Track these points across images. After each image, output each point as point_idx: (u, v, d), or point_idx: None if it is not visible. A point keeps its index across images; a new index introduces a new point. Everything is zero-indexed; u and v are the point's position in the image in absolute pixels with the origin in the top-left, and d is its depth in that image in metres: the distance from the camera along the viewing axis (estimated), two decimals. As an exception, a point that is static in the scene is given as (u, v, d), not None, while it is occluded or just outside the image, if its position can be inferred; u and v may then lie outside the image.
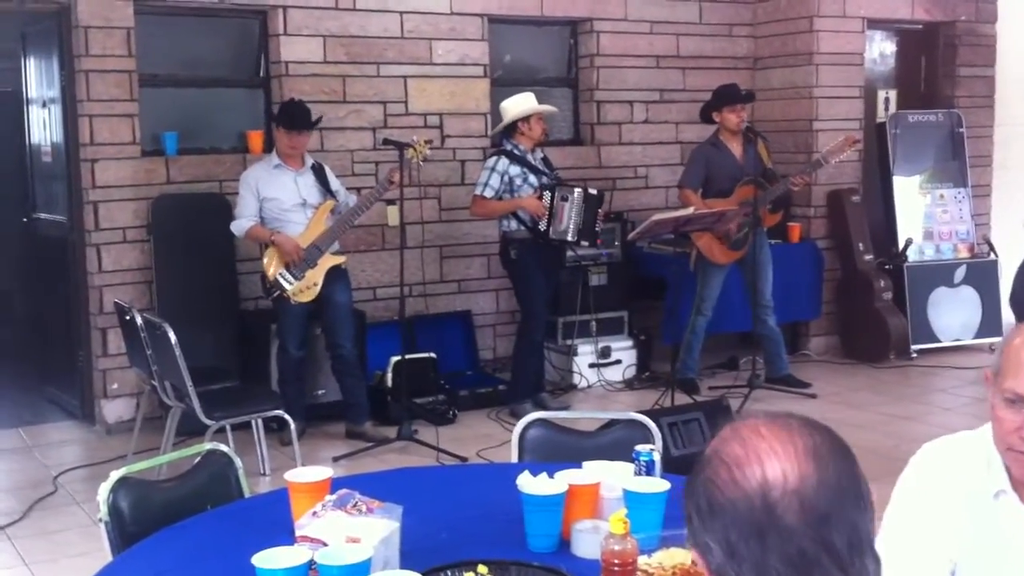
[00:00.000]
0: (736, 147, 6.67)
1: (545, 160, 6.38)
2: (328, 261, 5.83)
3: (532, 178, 6.21)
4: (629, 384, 7.08)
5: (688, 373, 6.81)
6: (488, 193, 6.17)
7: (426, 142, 5.81)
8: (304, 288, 5.78)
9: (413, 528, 2.21)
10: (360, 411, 6.01)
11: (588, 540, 2.22)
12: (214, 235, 6.25)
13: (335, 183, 5.96)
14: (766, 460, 1.17)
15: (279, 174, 5.82)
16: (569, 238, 6.20)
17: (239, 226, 5.82)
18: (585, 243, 6.32)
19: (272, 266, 5.77)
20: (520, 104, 6.25)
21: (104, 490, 2.48)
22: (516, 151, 6.23)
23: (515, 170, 6.18)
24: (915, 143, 8.09)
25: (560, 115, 7.38)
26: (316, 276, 5.80)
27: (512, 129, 6.26)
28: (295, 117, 5.83)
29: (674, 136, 7.88)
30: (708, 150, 6.75)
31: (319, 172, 5.90)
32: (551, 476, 2.36)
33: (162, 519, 2.47)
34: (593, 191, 6.30)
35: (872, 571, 1.18)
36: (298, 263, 5.73)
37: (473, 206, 6.33)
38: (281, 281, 5.75)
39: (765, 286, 6.77)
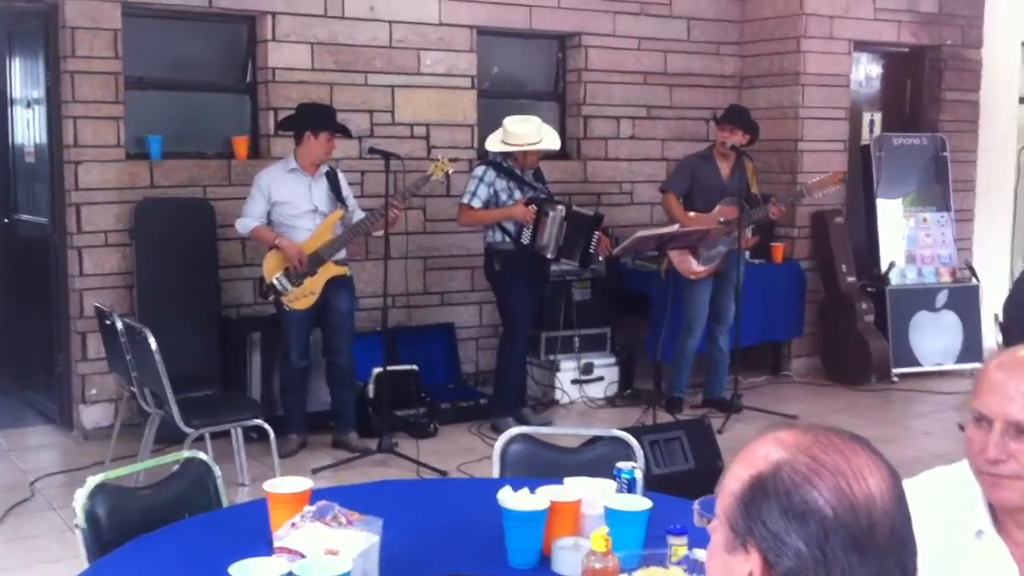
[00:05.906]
0: (724, 166, 6.66)
1: (537, 174, 6.32)
2: (329, 271, 5.78)
3: (518, 193, 6.16)
4: (611, 401, 7.07)
5: (675, 392, 6.80)
6: (475, 203, 6.12)
7: (451, 160, 5.85)
8: (301, 296, 5.73)
9: (393, 541, 2.19)
10: (346, 420, 5.99)
11: (569, 557, 2.21)
12: (197, 240, 6.21)
13: (346, 190, 5.91)
14: (869, 477, 1.20)
15: (294, 179, 5.76)
16: (548, 255, 6.15)
17: (244, 224, 5.76)
18: (572, 263, 6.28)
19: (271, 269, 5.73)
20: (517, 135, 6.07)
21: (81, 496, 2.45)
22: (504, 163, 6.19)
23: (501, 183, 6.14)
24: (899, 166, 8.13)
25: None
26: (315, 285, 5.74)
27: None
28: (337, 122, 5.81)
29: (660, 152, 7.89)
30: (696, 161, 6.74)
31: (332, 179, 5.85)
32: (532, 492, 2.35)
33: (139, 527, 2.44)
34: (588, 211, 6.28)
35: None
36: (299, 270, 5.70)
37: (460, 216, 6.27)
38: (277, 285, 5.72)
39: (729, 306, 6.75)
